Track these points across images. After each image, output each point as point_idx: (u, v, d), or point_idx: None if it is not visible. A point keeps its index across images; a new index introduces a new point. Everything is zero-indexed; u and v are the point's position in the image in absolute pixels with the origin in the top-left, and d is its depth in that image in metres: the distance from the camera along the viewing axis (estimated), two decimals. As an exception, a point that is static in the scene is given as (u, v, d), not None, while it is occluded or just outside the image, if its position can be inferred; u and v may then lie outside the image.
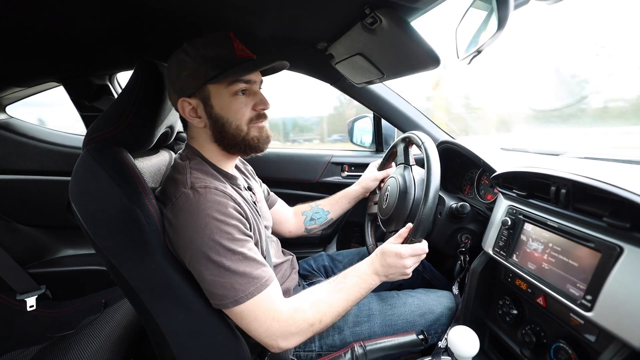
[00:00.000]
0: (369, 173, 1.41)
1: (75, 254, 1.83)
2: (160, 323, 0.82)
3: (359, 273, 0.93)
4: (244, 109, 0.88)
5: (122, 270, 0.79)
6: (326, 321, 0.85)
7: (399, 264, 0.91)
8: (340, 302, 0.87)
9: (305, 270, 1.35)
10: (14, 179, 1.67)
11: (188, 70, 0.84)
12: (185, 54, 0.84)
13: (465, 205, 1.08)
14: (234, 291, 0.77)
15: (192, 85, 0.85)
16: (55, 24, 0.86)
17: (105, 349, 1.22)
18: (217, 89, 0.86)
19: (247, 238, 0.83)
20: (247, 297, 0.77)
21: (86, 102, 1.42)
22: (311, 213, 1.36)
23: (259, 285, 0.79)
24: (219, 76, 0.84)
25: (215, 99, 0.86)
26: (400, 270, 0.92)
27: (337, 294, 0.88)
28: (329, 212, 1.37)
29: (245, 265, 0.79)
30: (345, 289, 0.89)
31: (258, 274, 0.80)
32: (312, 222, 1.35)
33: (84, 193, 0.78)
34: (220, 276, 0.77)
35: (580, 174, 0.74)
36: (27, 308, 1.58)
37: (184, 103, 0.87)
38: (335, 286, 0.90)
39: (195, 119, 0.88)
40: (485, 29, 0.77)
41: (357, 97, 1.59)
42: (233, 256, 0.78)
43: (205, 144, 0.93)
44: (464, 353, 0.76)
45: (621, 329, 0.60)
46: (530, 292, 0.85)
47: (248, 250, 0.81)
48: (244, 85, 0.87)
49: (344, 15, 0.89)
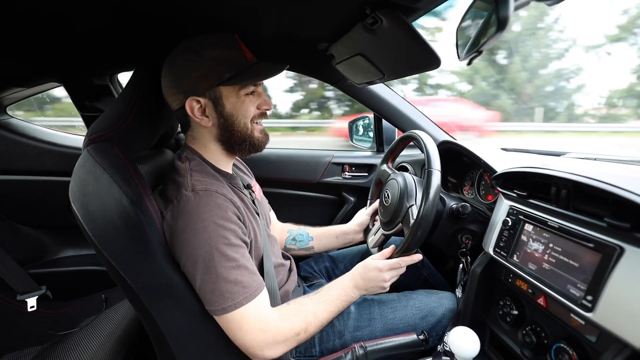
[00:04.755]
0: (359, 214, 1.39)
1: (75, 254, 1.84)
2: (160, 324, 0.82)
3: (341, 286, 0.98)
4: (251, 108, 0.92)
5: (122, 271, 0.79)
6: (311, 330, 0.88)
7: (379, 277, 0.97)
8: (324, 312, 0.91)
9: (306, 271, 1.35)
10: (15, 179, 1.67)
11: (199, 71, 0.84)
12: (196, 55, 0.84)
13: (466, 205, 1.07)
14: (222, 299, 0.78)
15: (205, 85, 0.86)
16: (56, 24, 0.86)
17: (105, 349, 1.22)
18: (228, 90, 0.88)
19: (242, 244, 0.84)
20: (235, 307, 0.78)
21: (87, 102, 1.42)
22: (295, 233, 1.35)
23: (248, 295, 0.80)
24: (234, 79, 0.86)
25: (227, 99, 0.89)
26: (378, 284, 0.98)
27: (321, 305, 0.92)
28: (313, 238, 1.35)
29: (237, 272, 0.79)
30: (329, 300, 0.94)
31: (248, 283, 0.81)
32: (293, 242, 1.34)
33: (84, 193, 0.78)
34: (211, 282, 0.78)
35: (580, 174, 0.74)
36: (28, 308, 1.57)
37: (193, 102, 0.87)
38: (320, 297, 0.94)
39: (204, 119, 0.89)
40: (485, 29, 0.77)
41: (357, 97, 1.59)
42: (227, 263, 0.78)
43: (208, 144, 0.94)
44: (465, 354, 0.76)
45: (622, 330, 0.60)
46: (530, 293, 0.85)
47: (241, 257, 0.82)
48: (253, 88, 0.91)
49: (344, 16, 0.89)
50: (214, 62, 0.84)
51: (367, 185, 1.77)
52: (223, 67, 0.85)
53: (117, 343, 1.25)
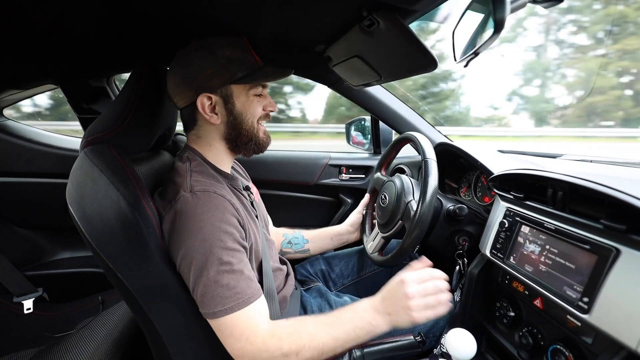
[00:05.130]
0: (351, 215, 1.41)
1: (72, 256, 1.83)
2: (157, 325, 0.82)
3: (355, 308, 0.85)
4: (258, 108, 0.94)
5: (119, 272, 0.78)
6: (305, 355, 0.77)
7: (399, 291, 0.82)
8: (326, 337, 0.79)
9: (302, 275, 1.34)
10: (11, 181, 1.67)
11: (212, 68, 0.86)
12: (209, 53, 0.86)
13: (463, 207, 1.08)
14: (213, 303, 0.75)
15: (218, 83, 0.88)
16: (53, 26, 0.86)
17: (102, 351, 1.22)
18: (239, 89, 0.91)
19: (239, 248, 0.81)
20: (226, 312, 0.75)
21: (84, 104, 1.42)
22: (291, 237, 1.35)
23: (241, 301, 0.76)
24: (247, 77, 0.89)
25: (237, 98, 0.91)
26: (401, 301, 0.81)
27: (324, 327, 0.81)
28: (308, 241, 1.35)
29: (231, 277, 0.77)
30: (336, 323, 0.82)
31: (242, 289, 0.77)
32: (289, 245, 1.34)
33: (81, 195, 0.78)
34: (203, 285, 0.76)
35: (577, 176, 0.74)
36: (24, 310, 1.57)
37: (204, 98, 0.88)
38: (327, 318, 0.83)
39: (213, 116, 0.90)
40: (482, 31, 0.77)
41: (354, 99, 1.60)
42: (220, 266, 0.76)
43: (213, 142, 0.95)
44: (462, 355, 0.76)
45: (618, 331, 0.61)
46: (527, 294, 0.85)
47: (238, 261, 0.79)
48: (260, 89, 0.94)
49: (341, 18, 0.89)
50: (226, 60, 0.87)
51: (364, 187, 1.77)
52: (235, 66, 0.88)
53: (114, 345, 1.25)
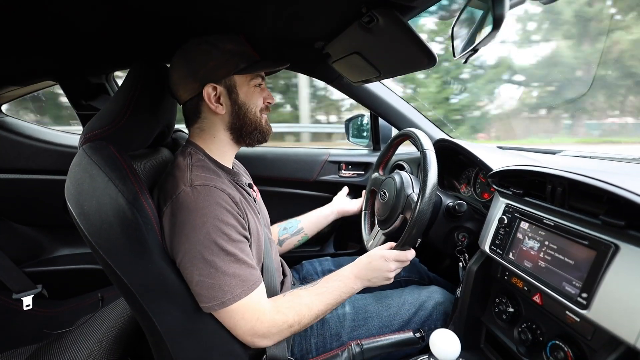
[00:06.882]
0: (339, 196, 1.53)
1: (71, 253, 1.83)
2: (157, 322, 0.82)
3: (341, 277, 0.98)
4: (259, 99, 0.97)
5: (118, 269, 0.78)
6: (304, 322, 0.89)
7: (384, 267, 0.98)
8: (320, 305, 0.92)
9: (308, 272, 1.36)
10: (10, 178, 1.66)
11: (216, 60, 0.89)
12: (213, 47, 0.89)
13: (462, 203, 1.08)
14: (222, 293, 0.79)
15: (222, 73, 0.90)
16: (52, 23, 0.85)
17: (101, 348, 1.22)
18: (242, 80, 0.93)
19: (242, 239, 0.85)
20: (235, 300, 0.80)
21: (83, 100, 1.42)
22: (285, 224, 1.42)
23: (246, 287, 0.82)
24: (249, 68, 0.92)
25: (240, 88, 0.93)
26: (383, 274, 0.99)
27: (317, 297, 0.93)
28: (300, 221, 1.42)
29: (236, 267, 0.81)
30: (326, 292, 0.94)
31: (246, 277, 0.82)
32: (285, 231, 1.39)
33: (80, 192, 0.77)
34: (210, 277, 0.78)
35: (576, 172, 0.74)
36: (24, 307, 1.57)
37: (209, 89, 0.90)
38: (317, 289, 0.95)
39: (218, 106, 0.92)
40: (481, 28, 0.77)
41: (354, 96, 1.59)
42: (226, 257, 0.80)
43: (217, 133, 0.96)
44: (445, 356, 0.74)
45: (617, 327, 0.61)
46: (526, 290, 0.86)
47: (241, 251, 0.83)
48: (260, 80, 0.97)
49: (341, 15, 0.89)
50: (229, 53, 0.90)
51: (363, 184, 1.77)
52: (237, 58, 0.91)
53: (113, 342, 1.25)
